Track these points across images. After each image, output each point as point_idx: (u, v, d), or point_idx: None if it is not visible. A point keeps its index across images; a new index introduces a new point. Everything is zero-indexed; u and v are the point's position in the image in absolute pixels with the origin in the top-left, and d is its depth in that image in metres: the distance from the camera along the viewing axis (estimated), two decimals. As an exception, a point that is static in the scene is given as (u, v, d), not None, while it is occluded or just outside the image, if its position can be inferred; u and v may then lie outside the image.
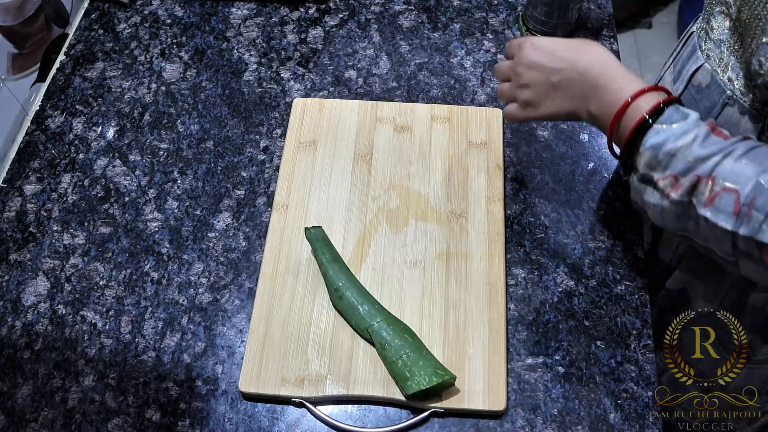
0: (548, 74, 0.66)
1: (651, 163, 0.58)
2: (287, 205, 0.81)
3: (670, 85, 0.74)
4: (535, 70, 0.67)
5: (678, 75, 0.73)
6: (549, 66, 0.66)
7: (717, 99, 0.66)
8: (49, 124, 0.91)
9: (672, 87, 0.72)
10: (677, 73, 0.73)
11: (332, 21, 1.00)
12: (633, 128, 0.59)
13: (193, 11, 1.02)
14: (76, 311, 0.76)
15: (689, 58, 0.71)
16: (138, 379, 0.72)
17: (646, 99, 0.60)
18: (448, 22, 0.99)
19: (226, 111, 0.91)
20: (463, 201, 0.80)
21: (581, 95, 0.64)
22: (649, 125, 0.58)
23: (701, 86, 0.68)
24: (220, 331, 0.75)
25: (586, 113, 0.65)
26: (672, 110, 0.58)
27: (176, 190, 0.85)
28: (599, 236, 0.80)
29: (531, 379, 0.71)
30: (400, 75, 0.94)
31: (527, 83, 0.68)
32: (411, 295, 0.74)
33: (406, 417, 0.69)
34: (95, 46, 0.99)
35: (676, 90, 0.72)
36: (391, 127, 0.86)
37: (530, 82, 0.68)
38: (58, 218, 0.83)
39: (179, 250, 0.80)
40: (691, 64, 0.70)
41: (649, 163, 0.58)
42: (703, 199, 0.54)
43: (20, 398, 0.71)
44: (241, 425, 0.69)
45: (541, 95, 0.67)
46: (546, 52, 0.67)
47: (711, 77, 0.67)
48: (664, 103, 0.59)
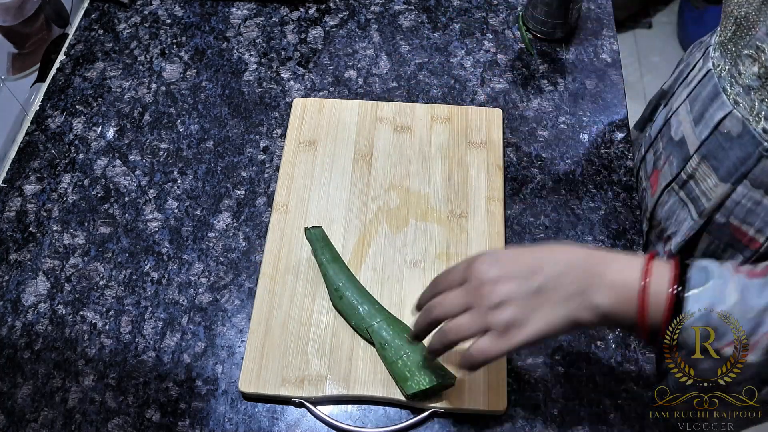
0: (528, 280, 0.53)
1: (704, 334, 0.50)
2: (287, 205, 0.81)
3: (689, 126, 0.66)
4: (507, 282, 0.53)
5: (700, 117, 0.65)
6: (523, 270, 0.54)
7: (752, 150, 0.59)
8: (49, 124, 0.91)
9: (693, 130, 0.66)
10: (698, 114, 0.66)
11: (332, 21, 1.00)
12: (669, 306, 0.50)
13: (193, 11, 1.02)
14: (76, 311, 0.76)
15: (712, 101, 0.64)
16: (138, 379, 0.72)
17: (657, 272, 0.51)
18: (448, 22, 0.99)
19: (226, 111, 0.91)
20: (463, 201, 0.80)
21: (578, 291, 0.52)
22: (682, 297, 0.50)
23: (731, 134, 0.61)
24: (220, 331, 0.75)
25: (590, 311, 0.52)
26: (694, 271, 0.51)
27: (176, 190, 0.85)
28: (599, 236, 0.80)
29: (531, 379, 0.71)
30: (400, 75, 0.94)
31: (502, 300, 0.53)
32: (411, 295, 0.74)
33: (406, 417, 0.69)
34: (95, 46, 0.99)
35: (699, 135, 0.64)
36: (391, 127, 0.86)
37: (506, 297, 0.53)
38: (58, 218, 0.83)
39: (179, 250, 0.80)
40: (716, 109, 0.63)
41: (703, 335, 0.50)
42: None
43: (20, 398, 0.71)
44: (241, 425, 0.69)
45: (527, 308, 0.53)
46: (509, 259, 0.55)
47: (743, 126, 0.60)
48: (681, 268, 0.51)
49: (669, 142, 0.69)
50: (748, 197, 0.60)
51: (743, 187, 0.60)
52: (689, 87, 0.68)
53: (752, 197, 0.59)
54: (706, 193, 0.63)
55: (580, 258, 0.53)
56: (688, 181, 0.65)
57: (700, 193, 0.64)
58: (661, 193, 0.70)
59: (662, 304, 0.50)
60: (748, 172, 0.59)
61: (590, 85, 0.92)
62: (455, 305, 0.56)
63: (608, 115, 0.89)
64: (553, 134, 0.87)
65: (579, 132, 0.87)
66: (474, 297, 0.54)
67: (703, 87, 0.65)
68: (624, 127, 0.88)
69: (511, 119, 0.89)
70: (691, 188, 0.65)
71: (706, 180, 0.63)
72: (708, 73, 0.64)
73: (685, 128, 0.66)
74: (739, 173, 0.59)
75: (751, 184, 0.59)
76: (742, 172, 0.59)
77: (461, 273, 0.56)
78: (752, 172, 0.59)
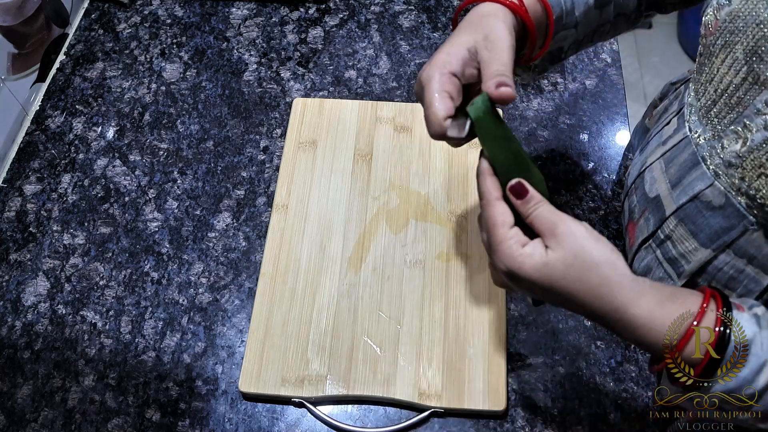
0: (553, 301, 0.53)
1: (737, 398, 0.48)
2: (287, 205, 0.81)
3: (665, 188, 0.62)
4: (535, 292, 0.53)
5: (677, 182, 0.61)
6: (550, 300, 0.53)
7: (735, 222, 0.55)
8: (49, 124, 0.91)
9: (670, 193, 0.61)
10: (675, 179, 0.61)
11: (332, 21, 1.00)
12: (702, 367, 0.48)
13: (193, 11, 1.02)
14: (76, 311, 0.76)
15: (690, 170, 0.59)
16: (138, 379, 0.72)
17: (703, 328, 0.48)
18: (448, 22, 0.99)
19: (226, 111, 0.91)
20: (463, 201, 0.80)
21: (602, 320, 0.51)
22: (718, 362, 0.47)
23: (712, 204, 0.57)
24: (220, 331, 0.75)
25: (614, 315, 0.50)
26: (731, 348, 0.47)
27: (176, 190, 0.85)
28: (599, 236, 0.79)
29: (531, 379, 0.71)
30: (400, 75, 0.94)
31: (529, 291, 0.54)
32: (411, 295, 0.74)
33: (406, 417, 0.69)
34: (95, 46, 0.99)
35: (677, 199, 0.60)
36: (391, 127, 0.86)
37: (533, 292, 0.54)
38: (58, 218, 0.83)
39: (179, 250, 0.80)
40: (696, 179, 0.58)
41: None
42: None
43: (20, 398, 0.71)
44: (241, 425, 0.69)
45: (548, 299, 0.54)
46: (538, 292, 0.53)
47: (725, 198, 0.55)
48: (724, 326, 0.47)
49: (643, 196, 0.66)
50: (730, 265, 0.57)
51: (726, 255, 0.57)
52: (664, 146, 0.64)
53: (735, 265, 0.57)
54: (685, 256, 0.61)
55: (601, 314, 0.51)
56: (666, 241, 0.63)
57: (679, 254, 0.61)
58: (638, 248, 0.69)
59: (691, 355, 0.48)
60: (732, 242, 0.56)
61: (590, 85, 0.92)
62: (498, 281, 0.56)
63: (608, 115, 0.89)
64: (553, 134, 0.87)
65: (579, 132, 0.87)
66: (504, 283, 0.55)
67: (680, 151, 0.61)
68: (624, 127, 0.88)
69: (511, 119, 0.89)
70: (668, 249, 0.63)
71: (685, 243, 0.60)
72: (685, 139, 0.60)
73: (660, 188, 0.63)
74: (721, 242, 0.57)
75: (734, 254, 0.57)
76: (725, 240, 0.56)
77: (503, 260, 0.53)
78: (736, 243, 0.55)
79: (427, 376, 0.69)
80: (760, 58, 0.51)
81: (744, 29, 0.52)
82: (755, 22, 0.51)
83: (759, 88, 0.52)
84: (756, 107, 0.52)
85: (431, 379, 0.69)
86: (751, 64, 0.52)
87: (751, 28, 0.52)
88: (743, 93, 0.54)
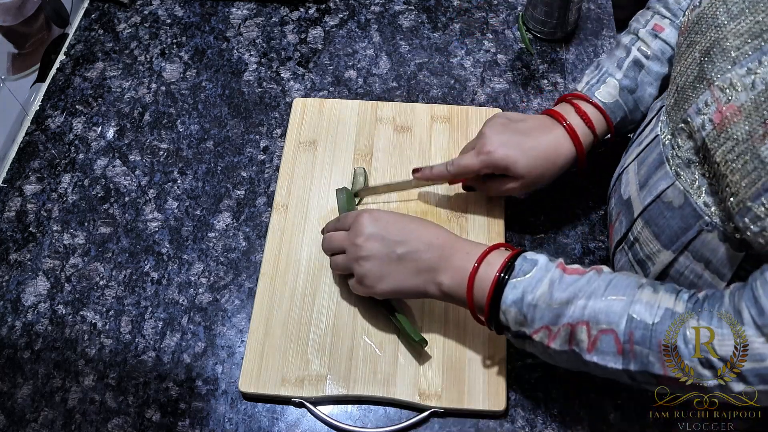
0: (392, 246, 0.63)
1: (518, 319, 0.57)
2: (287, 205, 0.81)
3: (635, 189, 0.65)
4: (376, 242, 0.64)
5: (644, 183, 0.64)
6: (392, 238, 0.64)
7: (692, 222, 0.57)
8: (49, 124, 0.91)
9: (638, 194, 0.64)
10: (643, 179, 0.64)
11: (332, 21, 1.00)
12: (491, 290, 0.58)
13: (193, 11, 1.02)
14: (76, 311, 0.76)
15: (656, 169, 0.62)
16: (138, 379, 0.72)
17: (492, 258, 0.60)
18: (448, 22, 0.99)
19: (226, 111, 0.91)
20: (463, 201, 0.80)
21: (428, 268, 0.62)
22: (504, 282, 0.58)
23: (672, 205, 0.60)
24: (220, 331, 0.75)
25: (436, 287, 0.63)
26: (520, 261, 0.58)
27: (176, 190, 0.85)
28: (599, 236, 0.80)
29: (531, 379, 0.71)
30: (400, 75, 0.94)
31: (367, 255, 0.64)
32: (411, 295, 0.74)
33: (406, 417, 0.69)
34: (95, 46, 0.99)
35: (643, 200, 0.63)
36: (391, 127, 0.86)
37: (371, 254, 0.64)
38: (58, 218, 0.83)
39: (179, 250, 0.80)
40: (660, 179, 0.61)
41: (516, 320, 0.57)
42: (584, 346, 0.54)
43: (20, 398, 0.71)
44: (241, 425, 0.69)
45: (383, 269, 0.64)
46: (387, 224, 0.65)
47: (684, 198, 0.58)
48: (511, 258, 0.59)
49: (619, 199, 0.69)
50: (690, 269, 0.59)
51: (685, 258, 0.59)
52: (640, 146, 0.67)
53: (694, 270, 0.59)
54: (651, 258, 0.63)
55: (440, 241, 0.63)
56: (635, 243, 0.65)
57: (645, 256, 0.63)
58: (614, 250, 0.70)
59: (486, 289, 0.58)
60: (689, 243, 0.58)
61: (590, 85, 0.91)
62: (335, 246, 0.69)
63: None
64: (553, 134, 0.87)
65: (579, 132, 0.87)
66: (349, 244, 0.66)
67: (650, 152, 0.64)
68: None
69: (511, 119, 0.89)
70: (637, 250, 0.65)
71: (650, 244, 0.63)
72: (655, 139, 0.63)
73: (631, 190, 0.66)
74: (680, 242, 0.59)
75: (692, 256, 0.58)
76: (683, 241, 0.58)
77: (351, 219, 0.67)
78: (692, 244, 0.58)
79: (427, 376, 0.69)
80: (711, 59, 0.54)
81: (705, 31, 0.55)
82: (714, 24, 0.54)
83: (703, 88, 0.54)
84: (697, 106, 0.55)
85: (431, 379, 0.69)
86: (703, 64, 0.55)
87: (711, 29, 0.54)
88: (691, 91, 0.56)
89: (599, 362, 0.54)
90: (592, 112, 0.71)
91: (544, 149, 0.70)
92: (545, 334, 0.56)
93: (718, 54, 0.53)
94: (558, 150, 0.70)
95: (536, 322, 0.56)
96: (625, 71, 0.72)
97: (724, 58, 0.52)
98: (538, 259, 0.58)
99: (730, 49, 0.52)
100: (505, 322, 0.59)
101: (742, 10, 0.51)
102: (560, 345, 0.56)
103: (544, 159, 0.70)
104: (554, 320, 0.55)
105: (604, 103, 0.71)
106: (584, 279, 0.56)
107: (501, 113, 0.74)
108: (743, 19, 0.51)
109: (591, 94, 0.72)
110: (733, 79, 0.51)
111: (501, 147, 0.69)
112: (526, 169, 0.69)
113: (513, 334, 0.59)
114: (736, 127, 0.50)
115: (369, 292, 0.66)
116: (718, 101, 0.52)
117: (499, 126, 0.71)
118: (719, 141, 0.51)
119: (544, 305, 0.56)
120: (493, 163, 0.70)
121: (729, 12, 0.52)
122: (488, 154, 0.69)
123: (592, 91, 0.72)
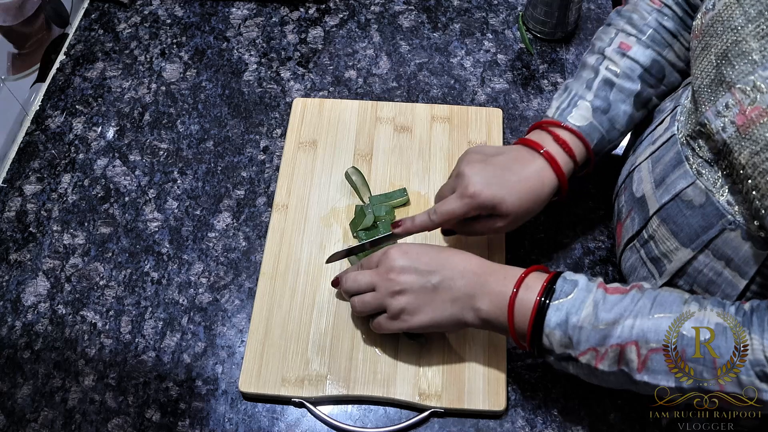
0: (426, 276, 0.62)
1: (563, 341, 0.57)
2: (287, 205, 0.81)
3: (650, 187, 0.65)
4: (410, 274, 0.63)
5: (661, 181, 0.63)
6: (425, 268, 0.63)
7: (714, 221, 0.57)
8: (49, 124, 0.91)
9: (654, 192, 0.64)
10: (659, 177, 0.63)
11: (332, 21, 1.00)
12: (533, 314, 0.57)
13: (193, 11, 1.02)
14: (76, 311, 0.76)
15: (674, 168, 0.61)
16: (138, 379, 0.72)
17: (531, 281, 0.59)
18: (448, 22, 0.99)
19: (226, 111, 0.91)
20: (463, 201, 0.80)
21: (465, 295, 0.61)
22: (546, 305, 0.57)
23: (693, 203, 0.59)
24: (220, 331, 0.75)
25: (474, 314, 0.61)
26: (561, 282, 0.58)
27: (176, 190, 0.85)
28: (599, 236, 0.80)
29: (531, 379, 0.71)
30: (400, 75, 0.94)
31: (401, 289, 0.63)
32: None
33: (406, 417, 0.69)
34: (95, 46, 0.99)
35: (660, 199, 0.63)
36: (391, 127, 0.86)
37: (406, 287, 0.63)
38: (58, 218, 0.83)
39: (179, 250, 0.80)
40: (679, 177, 0.60)
41: (561, 342, 0.57)
42: (634, 365, 0.54)
43: (20, 398, 0.71)
44: (241, 425, 0.69)
45: (419, 300, 0.63)
46: (417, 255, 0.64)
47: (706, 197, 0.58)
48: (549, 280, 0.58)
49: (630, 197, 0.68)
50: (709, 267, 0.59)
51: (705, 256, 0.59)
52: (653, 145, 0.66)
53: (714, 267, 0.59)
54: (667, 255, 0.62)
55: (473, 267, 0.62)
56: (649, 241, 0.64)
57: (661, 254, 0.63)
58: (624, 247, 0.70)
59: (528, 313, 0.58)
60: (710, 242, 0.58)
61: (590, 85, 0.91)
62: (363, 284, 0.66)
63: (608, 115, 0.89)
64: (553, 134, 0.87)
65: (579, 132, 0.87)
66: (380, 280, 0.64)
67: (667, 150, 0.63)
68: (624, 127, 0.88)
69: (511, 119, 0.89)
70: (651, 248, 0.64)
71: (666, 242, 0.62)
72: (672, 138, 0.63)
73: (645, 188, 0.65)
74: (700, 241, 0.58)
75: (713, 254, 0.58)
76: (703, 240, 0.58)
77: (378, 257, 0.66)
78: (714, 243, 0.57)
79: (427, 376, 0.69)
80: (729, 62, 0.53)
81: (721, 33, 0.54)
82: (731, 27, 0.53)
83: (722, 91, 0.54)
84: (717, 109, 0.54)
85: (431, 379, 0.69)
86: (720, 67, 0.54)
87: (727, 32, 0.54)
88: (710, 94, 0.56)
89: (650, 381, 0.53)
90: (569, 138, 0.68)
91: (529, 183, 0.67)
92: (592, 355, 0.55)
93: (737, 56, 0.52)
94: (542, 181, 0.67)
95: (582, 344, 0.55)
96: (595, 92, 0.69)
97: (744, 61, 0.52)
98: (578, 280, 0.58)
99: (750, 52, 0.51)
100: (549, 345, 0.57)
101: (760, 12, 0.51)
102: (608, 366, 0.55)
103: (530, 192, 0.67)
104: (601, 341, 0.55)
105: (579, 126, 0.69)
106: (628, 298, 0.55)
107: (473, 148, 0.71)
108: (763, 21, 0.51)
109: (563, 119, 0.69)
110: (757, 81, 0.50)
111: (486, 187, 0.65)
112: (513, 206, 0.66)
113: (557, 356, 0.58)
114: (762, 128, 0.49)
115: (404, 326, 0.64)
116: (741, 103, 0.51)
117: (478, 164, 0.67)
118: (744, 143, 0.51)
119: (590, 327, 0.55)
120: (479, 206, 0.66)
121: (746, 14, 0.52)
122: (473, 197, 0.65)
123: (564, 116, 0.69)
